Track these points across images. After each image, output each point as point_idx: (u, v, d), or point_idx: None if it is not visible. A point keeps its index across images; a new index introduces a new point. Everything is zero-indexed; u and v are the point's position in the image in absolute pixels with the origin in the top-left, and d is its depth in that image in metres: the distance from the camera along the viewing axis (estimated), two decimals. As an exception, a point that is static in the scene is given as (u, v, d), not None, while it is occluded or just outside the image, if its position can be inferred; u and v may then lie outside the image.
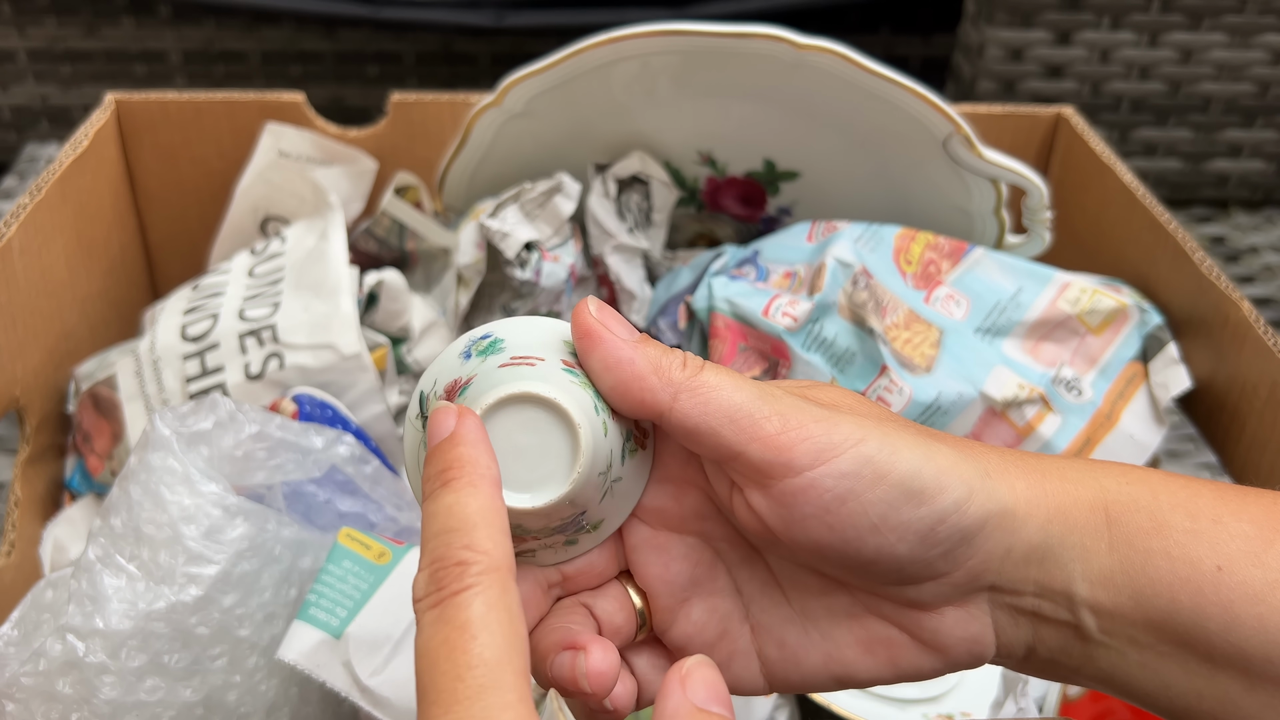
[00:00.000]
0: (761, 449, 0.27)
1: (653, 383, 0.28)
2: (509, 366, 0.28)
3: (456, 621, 0.23)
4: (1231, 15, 0.92)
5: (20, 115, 1.25)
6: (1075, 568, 0.29)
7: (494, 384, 0.28)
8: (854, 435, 0.28)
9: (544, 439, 0.28)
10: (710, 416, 0.28)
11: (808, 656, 0.31)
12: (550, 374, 0.28)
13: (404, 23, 1.16)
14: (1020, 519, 0.28)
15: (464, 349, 0.30)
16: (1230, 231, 0.99)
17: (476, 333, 0.30)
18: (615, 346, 0.28)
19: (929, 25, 1.23)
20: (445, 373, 0.29)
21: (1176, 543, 0.28)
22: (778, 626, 0.31)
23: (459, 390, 0.29)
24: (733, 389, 0.28)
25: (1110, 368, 0.57)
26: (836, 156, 0.61)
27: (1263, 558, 0.27)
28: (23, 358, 0.55)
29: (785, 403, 0.28)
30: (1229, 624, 0.27)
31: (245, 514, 0.42)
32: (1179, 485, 0.29)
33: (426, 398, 0.30)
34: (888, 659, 0.30)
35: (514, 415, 0.28)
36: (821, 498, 0.27)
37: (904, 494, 0.27)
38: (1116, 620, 0.28)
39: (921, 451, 0.28)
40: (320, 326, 0.55)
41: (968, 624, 0.30)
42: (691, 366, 0.28)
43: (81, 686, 0.39)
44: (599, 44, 0.55)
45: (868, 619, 0.30)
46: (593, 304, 0.29)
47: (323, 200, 0.64)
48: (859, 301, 0.53)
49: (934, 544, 0.28)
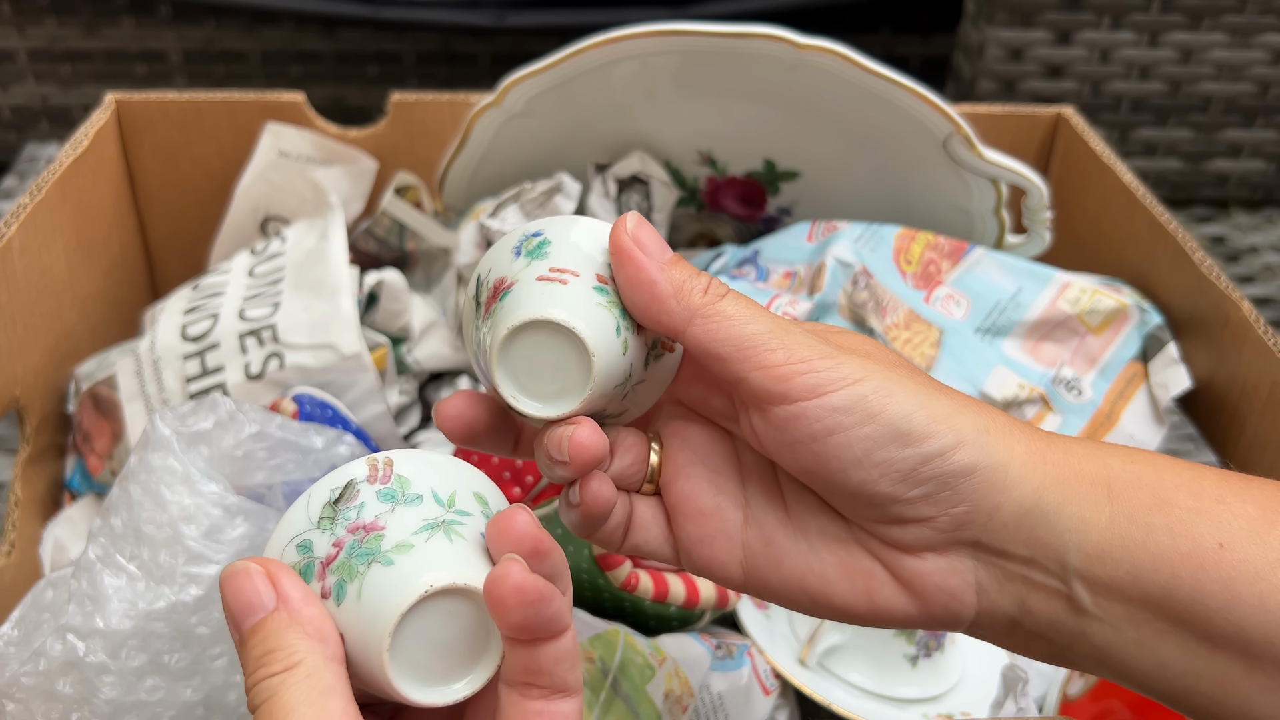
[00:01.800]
0: (762, 377, 0.29)
1: (671, 305, 0.30)
2: (545, 281, 0.31)
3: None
4: (1231, 15, 0.92)
5: (20, 115, 1.25)
6: (1070, 538, 0.29)
7: (527, 298, 0.30)
8: (853, 374, 0.29)
9: (562, 358, 0.30)
10: (720, 343, 0.30)
11: (791, 563, 0.32)
12: (580, 294, 0.31)
13: (404, 23, 1.16)
14: (1013, 478, 0.29)
15: (517, 243, 0.32)
16: (1230, 231, 0.99)
17: (531, 227, 0.32)
18: (642, 267, 0.30)
19: (929, 25, 1.23)
20: (499, 265, 0.32)
21: (1179, 519, 0.28)
22: (770, 525, 0.32)
23: (501, 292, 0.31)
24: (747, 320, 0.30)
25: (1110, 368, 0.57)
26: (836, 156, 0.61)
27: (1265, 537, 0.27)
28: (23, 358, 0.55)
29: (795, 338, 0.30)
30: (1229, 602, 0.27)
31: (245, 514, 0.42)
32: (1184, 467, 0.29)
33: (482, 282, 0.32)
34: (865, 590, 0.31)
35: (536, 336, 0.30)
36: (810, 427, 0.29)
37: (891, 434, 0.29)
38: (1112, 594, 0.28)
39: (919, 398, 0.29)
40: (320, 326, 0.55)
41: (948, 575, 0.30)
42: (712, 293, 0.30)
43: (82, 686, 0.39)
44: (599, 44, 0.55)
45: (854, 547, 0.31)
46: (631, 219, 0.31)
47: (323, 200, 0.64)
48: (859, 301, 0.54)
49: (915, 484, 0.29)
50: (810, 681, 0.48)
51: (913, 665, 0.50)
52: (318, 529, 0.29)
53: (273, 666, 0.27)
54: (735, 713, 0.47)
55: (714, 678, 0.47)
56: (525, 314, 0.30)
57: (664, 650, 0.45)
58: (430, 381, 0.62)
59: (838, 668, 0.50)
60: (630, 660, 0.43)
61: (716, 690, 0.47)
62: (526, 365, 0.31)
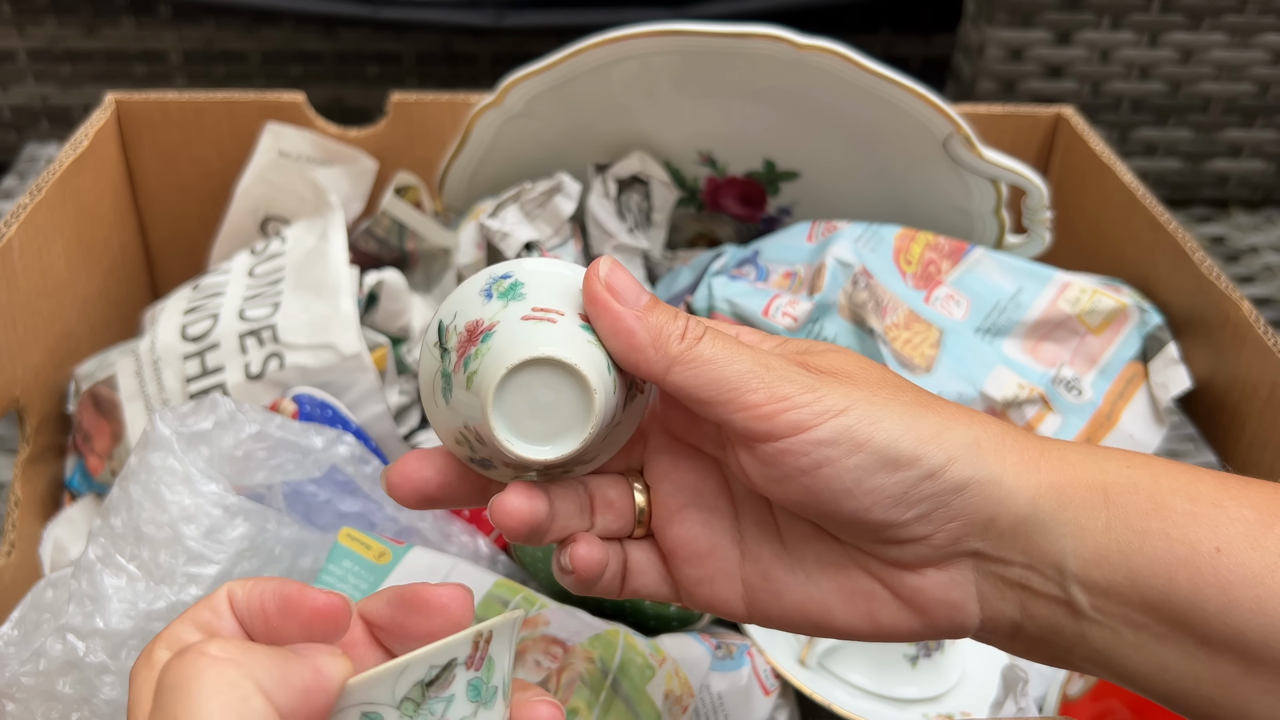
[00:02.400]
0: (745, 418, 0.29)
1: (650, 355, 0.30)
2: (532, 320, 0.30)
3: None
4: (1231, 15, 0.92)
5: (20, 115, 1.25)
6: (1067, 544, 0.29)
7: (516, 338, 0.29)
8: (836, 405, 0.29)
9: (561, 397, 0.29)
10: (700, 389, 0.29)
11: (790, 594, 0.32)
12: (569, 333, 0.30)
13: (404, 23, 1.16)
14: (1008, 489, 0.29)
15: (484, 286, 0.31)
16: (1230, 231, 0.99)
17: (497, 270, 0.31)
18: (618, 316, 0.30)
19: (929, 25, 1.23)
20: (467, 309, 0.31)
21: (1176, 524, 0.28)
22: (767, 559, 0.32)
23: (481, 335, 0.30)
24: (726, 362, 0.29)
25: (1110, 368, 0.57)
26: (836, 156, 0.61)
27: (1262, 541, 0.27)
28: (23, 358, 0.55)
29: (776, 374, 0.30)
30: (1227, 606, 0.27)
31: (245, 514, 0.42)
32: (1180, 471, 0.29)
33: (446, 329, 0.31)
34: (867, 612, 0.31)
35: (535, 375, 0.29)
36: (799, 462, 0.29)
37: (879, 461, 0.29)
38: (1110, 598, 0.28)
39: (905, 421, 0.29)
40: (320, 326, 0.55)
41: (949, 589, 0.30)
42: (689, 338, 0.30)
43: (82, 686, 0.39)
44: (599, 44, 0.55)
45: (852, 570, 0.31)
46: (604, 265, 0.30)
47: (323, 200, 0.64)
48: (859, 301, 0.53)
49: (909, 506, 0.29)
50: (810, 681, 0.48)
51: (913, 665, 0.50)
52: (396, 710, 0.26)
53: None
54: (735, 713, 0.47)
55: (714, 678, 0.47)
56: (523, 352, 0.29)
57: (664, 650, 0.45)
58: (430, 381, 0.62)
59: (838, 668, 0.50)
60: (630, 660, 0.43)
61: (716, 690, 0.47)
62: (523, 407, 0.29)
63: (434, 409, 0.32)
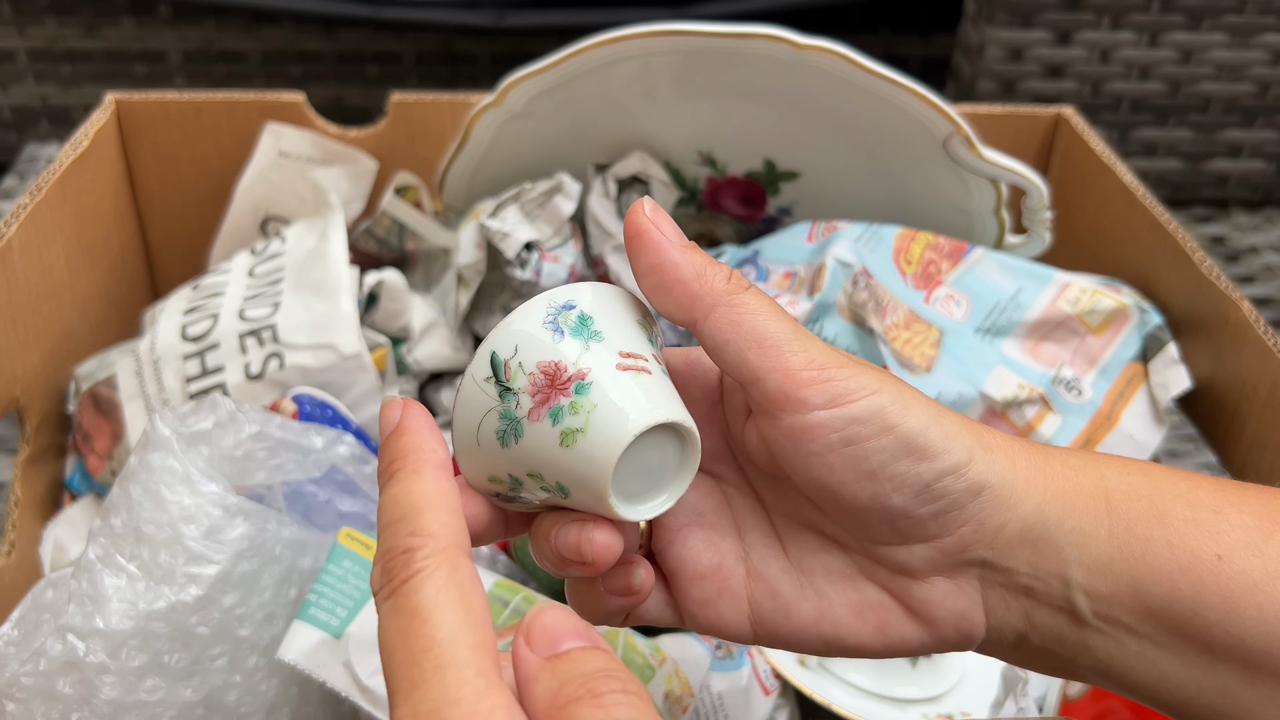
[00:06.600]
0: (780, 380, 0.28)
1: (694, 289, 0.29)
2: (628, 371, 0.28)
3: (408, 609, 0.23)
4: (1231, 15, 0.92)
5: (20, 115, 1.25)
6: (1071, 551, 0.29)
7: (625, 396, 0.28)
8: (871, 385, 0.28)
9: (665, 457, 0.29)
10: (741, 336, 0.28)
11: (799, 611, 0.31)
12: (664, 383, 0.29)
13: (404, 23, 1.16)
14: (1017, 495, 0.29)
15: (548, 318, 0.28)
16: (1230, 231, 0.99)
17: (558, 298, 0.29)
18: (663, 247, 0.29)
19: (929, 25, 1.23)
20: (533, 347, 0.28)
21: (1177, 531, 0.28)
22: (773, 576, 0.32)
23: (571, 385, 0.28)
24: (770, 316, 0.29)
25: (1110, 368, 0.57)
26: (836, 156, 0.61)
27: (1263, 548, 0.27)
28: (23, 358, 0.55)
29: (815, 343, 0.29)
30: (1228, 614, 0.27)
31: (245, 514, 0.42)
32: (1180, 477, 0.29)
33: (505, 365, 0.28)
34: (877, 625, 0.31)
35: (648, 438, 0.28)
36: (827, 438, 0.28)
37: (906, 448, 0.28)
38: (1113, 607, 0.28)
39: (932, 414, 0.29)
40: (320, 326, 0.55)
41: (957, 598, 0.30)
42: (735, 283, 0.29)
43: (82, 686, 0.39)
44: (599, 44, 0.55)
45: (861, 582, 0.31)
46: (647, 204, 0.29)
47: (323, 200, 0.64)
48: (859, 301, 0.53)
49: (927, 500, 0.29)
50: (810, 681, 0.48)
51: (913, 665, 0.50)
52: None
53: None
54: (735, 713, 0.47)
55: (714, 678, 0.47)
56: (648, 418, 0.27)
57: (664, 650, 0.45)
58: (430, 381, 0.62)
59: (838, 668, 0.50)
60: (630, 660, 0.43)
61: (716, 690, 0.47)
62: (628, 469, 0.28)
63: (475, 448, 0.29)
